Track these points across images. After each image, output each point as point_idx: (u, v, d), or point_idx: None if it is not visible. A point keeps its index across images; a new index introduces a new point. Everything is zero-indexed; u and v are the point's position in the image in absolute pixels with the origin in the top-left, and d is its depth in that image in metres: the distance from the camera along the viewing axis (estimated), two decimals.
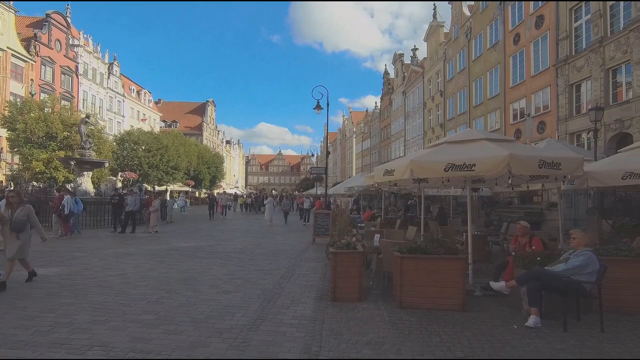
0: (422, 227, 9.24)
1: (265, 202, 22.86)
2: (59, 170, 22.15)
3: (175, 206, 30.91)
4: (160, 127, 56.42)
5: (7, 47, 29.35)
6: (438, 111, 30.77)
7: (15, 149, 23.32)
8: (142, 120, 51.33)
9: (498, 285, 5.26)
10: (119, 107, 46.15)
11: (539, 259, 5.04)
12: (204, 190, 50.91)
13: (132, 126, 43.47)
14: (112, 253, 9.41)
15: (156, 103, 62.66)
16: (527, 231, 6.05)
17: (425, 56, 34.22)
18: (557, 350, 3.80)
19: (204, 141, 62.98)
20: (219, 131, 78.84)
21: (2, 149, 27.92)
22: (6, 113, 23.27)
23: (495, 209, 18.78)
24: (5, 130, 23.43)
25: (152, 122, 54.53)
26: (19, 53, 30.57)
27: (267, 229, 16.66)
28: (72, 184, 19.33)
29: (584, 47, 15.67)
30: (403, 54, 41.18)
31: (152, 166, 34.53)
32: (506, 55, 21.07)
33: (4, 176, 27.98)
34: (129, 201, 14.00)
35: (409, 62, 38.50)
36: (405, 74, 38.83)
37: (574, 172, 5.39)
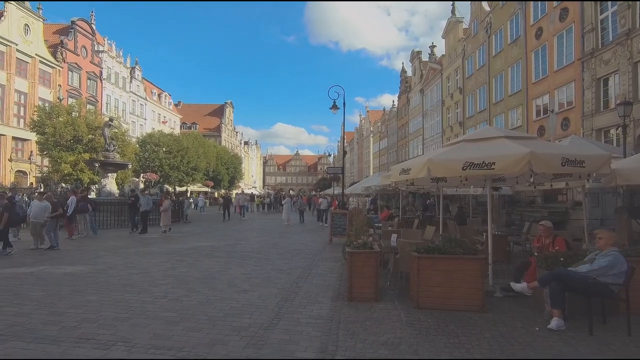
0: (441, 227, 9.11)
1: (283, 202, 23.09)
2: (85, 172, 22.97)
3: (193, 206, 31.68)
4: (181, 129, 57.65)
5: (36, 54, 30.66)
6: (457, 109, 30.21)
7: (45, 152, 24.33)
8: (163, 122, 52.59)
9: (519, 286, 5.13)
10: (141, 110, 47.45)
11: (562, 259, 4.88)
12: (222, 191, 51.78)
13: (154, 128, 44.62)
14: (135, 252, 9.69)
15: (176, 105, 64.09)
16: (550, 232, 5.87)
17: (444, 53, 33.66)
18: (581, 355, 3.68)
19: (223, 142, 63.96)
20: (237, 132, 79.90)
21: (32, 152, 29.19)
22: (35, 118, 24.31)
23: (516, 209, 18.29)
24: (35, 134, 24.47)
25: (172, 124, 55.81)
26: (46, 60, 31.88)
27: (283, 229, 16.78)
28: (97, 185, 20.03)
29: (610, 39, 15.06)
30: (421, 51, 40.63)
31: (173, 167, 35.33)
32: (528, 50, 20.48)
33: (35, 178, 29.25)
34: (142, 202, 14.26)
35: (427, 60, 37.96)
36: (423, 71, 38.31)
37: (599, 170, 5.19)
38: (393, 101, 51.74)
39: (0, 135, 28.07)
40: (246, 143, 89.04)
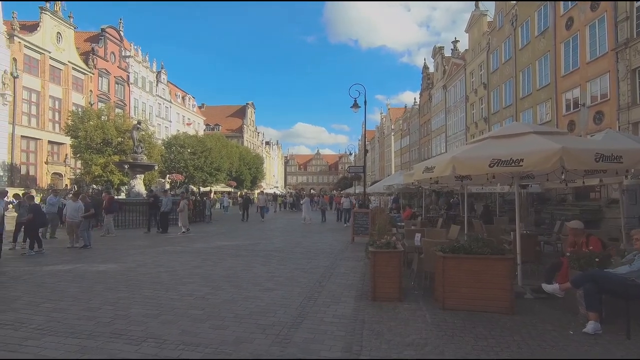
0: (466, 226, 8.89)
1: (302, 201, 23.25)
2: (114, 174, 23.87)
3: (219, 206, 32.36)
4: (204, 130, 58.92)
5: (68, 61, 32.10)
6: (482, 105, 29.40)
7: (78, 155, 25.47)
8: (187, 124, 53.92)
9: (551, 287, 4.94)
10: (166, 112, 48.82)
11: (597, 260, 4.66)
12: (245, 191, 52.55)
13: (178, 130, 45.81)
14: (162, 251, 9.99)
15: (200, 108, 65.54)
16: (580, 232, 5.61)
17: (467, 48, 32.82)
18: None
19: (245, 143, 64.90)
20: (258, 133, 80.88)
21: (67, 155, 30.61)
22: (69, 122, 25.48)
23: (546, 207, 17.61)
24: (69, 138, 25.66)
25: (196, 125, 57.11)
26: (79, 66, 33.33)
27: (305, 228, 16.85)
28: (126, 186, 20.77)
29: None
30: (443, 46, 39.82)
31: (197, 168, 36.15)
32: (557, 41, 19.65)
33: (69, 180, 30.68)
34: (163, 202, 14.51)
35: (449, 55, 37.12)
36: (446, 67, 37.49)
37: (638, 165, 4.92)
38: (415, 98, 50.96)
39: (37, 140, 29.59)
40: (267, 143, 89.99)
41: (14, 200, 13.94)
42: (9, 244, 9.68)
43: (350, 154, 41.87)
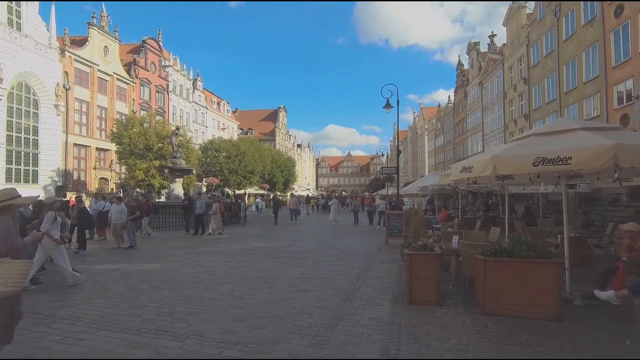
0: (507, 228, 8.51)
1: (329, 203, 23.26)
2: (155, 178, 25.07)
3: (253, 208, 33.09)
4: (238, 134, 60.52)
5: (114, 73, 34.18)
6: (521, 101, 28.04)
7: (122, 160, 27.02)
8: (222, 129, 55.65)
9: (606, 294, 4.61)
10: (202, 118, 50.66)
11: None
12: (277, 193, 53.34)
13: (214, 135, 47.36)
14: (200, 252, 10.35)
15: (233, 112, 67.41)
16: (637, 235, 5.18)
17: (505, 42, 31.45)
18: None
19: (277, 146, 65.93)
20: (290, 135, 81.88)
21: (112, 160, 32.56)
22: (114, 130, 27.10)
23: (596, 208, 16.45)
24: (115, 144, 27.29)
25: (230, 130, 58.80)
26: (123, 77, 35.41)
27: (338, 230, 16.83)
28: (166, 190, 21.74)
29: None
30: (479, 42, 38.37)
31: (232, 171, 37.18)
32: (606, 30, 18.36)
33: (115, 184, 32.61)
34: (197, 205, 14.91)
35: (486, 51, 35.74)
36: (482, 63, 36.13)
37: None
38: (449, 96, 49.48)
39: (86, 147, 31.71)
40: (299, 146, 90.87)
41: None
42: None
43: (382, 155, 41.37)
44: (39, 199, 8.18)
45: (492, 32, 34.61)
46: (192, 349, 3.75)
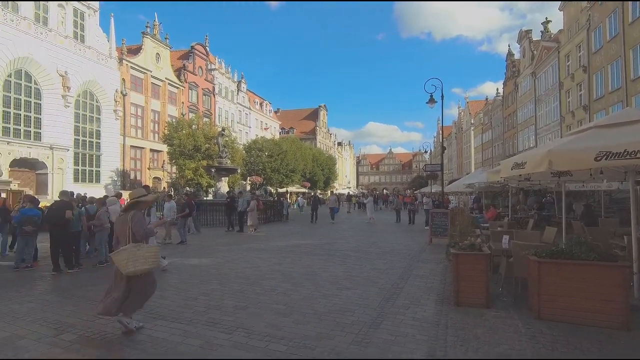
0: (564, 227, 7.92)
1: (365, 201, 23.03)
2: (203, 177, 26.32)
3: (295, 206, 33.65)
4: (280, 134, 61.78)
5: (165, 78, 36.32)
6: (580, 91, 25.87)
7: (173, 161, 28.68)
8: (264, 129, 57.09)
9: None
10: (246, 119, 52.32)
11: None
12: (318, 191, 53.76)
13: (257, 135, 48.74)
14: (245, 248, 10.71)
15: (275, 112, 68.88)
16: None
17: (561, 28, 29.18)
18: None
19: (318, 144, 66.39)
20: (330, 134, 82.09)
21: (164, 161, 34.65)
22: (166, 132, 28.82)
23: None
24: (166, 145, 29.03)
25: (272, 130, 60.16)
26: (173, 82, 37.53)
27: (380, 229, 16.62)
28: (213, 188, 22.75)
29: None
30: (531, 29, 35.96)
31: (274, 170, 38.05)
32: None
33: (167, 183, 34.69)
34: (239, 202, 15.31)
35: (539, 38, 33.40)
36: (535, 52, 33.81)
37: None
38: (497, 89, 46.89)
39: (141, 148, 34.04)
40: (339, 144, 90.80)
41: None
42: None
43: (425, 151, 40.14)
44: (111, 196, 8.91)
45: (545, 18, 32.30)
46: (240, 341, 3.91)
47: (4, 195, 14.65)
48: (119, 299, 4.01)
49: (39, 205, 8.72)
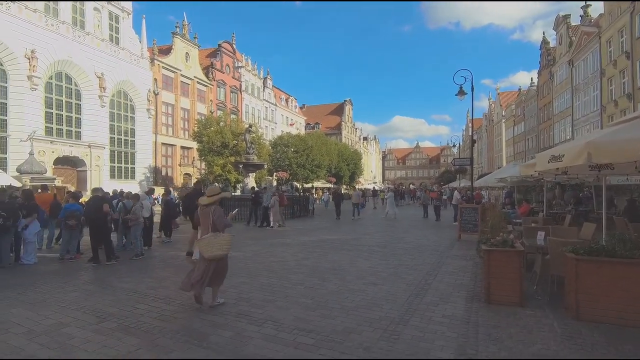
0: (604, 224, 7.50)
1: (386, 197, 22.76)
2: (231, 173, 26.91)
3: (321, 201, 33.76)
4: (305, 129, 62.02)
5: (194, 77, 37.30)
6: (623, 78, 24.27)
7: (202, 157, 29.50)
8: (290, 125, 57.51)
9: None
10: (272, 115, 52.91)
11: None
12: (343, 187, 53.62)
13: (283, 131, 49.18)
14: (271, 243, 10.87)
15: (301, 108, 69.19)
16: None
17: (602, 12, 27.43)
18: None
19: (343, 139, 66.15)
20: (356, 129, 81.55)
21: (194, 157, 35.69)
22: (195, 129, 29.65)
23: None
24: (196, 142, 29.88)
25: (298, 125, 60.49)
26: (202, 80, 38.48)
27: (407, 224, 16.38)
28: (241, 184, 23.22)
29: None
30: (569, 14, 33.99)
31: (300, 165, 38.31)
32: None
33: (196, 179, 35.74)
34: (264, 198, 15.40)
35: (578, 24, 31.55)
36: (572, 38, 32.00)
37: None
38: (531, 79, 44.81)
39: (172, 146, 35.20)
40: (365, 139, 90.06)
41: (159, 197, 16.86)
42: (156, 232, 11.74)
43: (454, 145, 39.08)
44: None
45: (585, 2, 30.38)
46: (269, 333, 3.99)
47: (53, 191, 15.62)
48: (200, 279, 4.75)
49: (79, 201, 9.23)
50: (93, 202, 8.07)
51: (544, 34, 40.09)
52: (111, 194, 12.36)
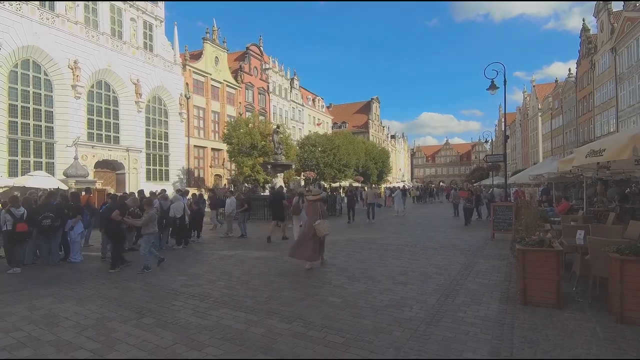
0: None
1: (393, 195, 22.47)
2: (260, 173, 27.39)
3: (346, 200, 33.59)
4: (332, 128, 62.02)
5: (224, 80, 38.27)
6: None
7: (232, 159, 30.22)
8: (317, 124, 57.70)
9: None
10: (299, 115, 53.32)
11: None
12: (372, 185, 53.13)
13: (310, 131, 49.40)
14: None
15: (328, 107, 69.21)
16: None
17: None
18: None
19: (370, 138, 65.54)
20: (383, 127, 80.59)
21: (224, 159, 36.64)
22: (225, 131, 30.43)
23: None
24: (226, 144, 30.67)
25: (325, 125, 60.60)
26: (231, 83, 39.44)
27: (437, 223, 16.01)
28: (269, 184, 23.59)
29: None
30: None
31: (327, 165, 38.34)
32: None
33: (227, 180, 36.69)
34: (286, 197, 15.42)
35: (621, 9, 29.56)
36: (615, 24, 30.02)
37: None
38: (569, 69, 42.44)
39: (203, 148, 36.31)
40: (393, 137, 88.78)
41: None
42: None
43: (486, 141, 37.72)
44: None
45: None
46: (299, 331, 4.07)
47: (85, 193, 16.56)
48: (315, 251, 7.20)
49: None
50: (109, 207, 7.88)
51: (583, 21, 37.75)
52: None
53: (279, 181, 21.40)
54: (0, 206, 8.16)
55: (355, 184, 41.74)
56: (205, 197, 18.93)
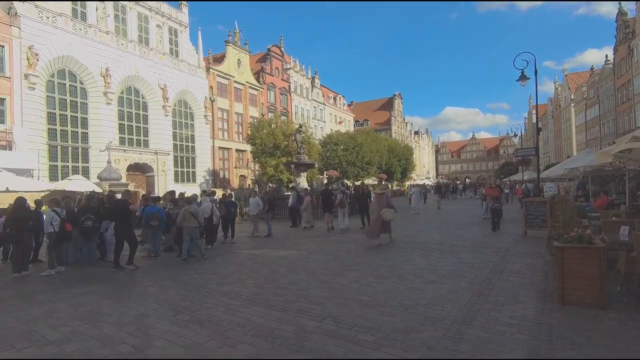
0: None
1: (410, 193, 22.51)
2: (283, 173, 27.65)
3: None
4: (354, 126, 61.73)
5: (246, 82, 38.87)
6: None
7: (256, 159, 30.66)
8: (339, 123, 57.58)
9: None
10: (320, 114, 53.39)
11: None
12: (395, 183, 52.42)
13: (332, 129, 49.37)
14: (325, 240, 10.99)
15: (349, 105, 68.91)
16: None
17: None
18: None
19: (393, 135, 64.75)
20: (406, 123, 79.37)
21: (248, 160, 37.24)
22: (249, 132, 30.90)
23: None
24: (249, 145, 31.15)
25: (347, 123, 60.38)
26: (253, 84, 40.00)
27: (464, 220, 15.59)
28: (293, 184, 23.77)
29: None
30: None
31: (350, 163, 38.19)
32: None
33: (251, 180, 37.27)
34: (290, 198, 15.25)
35: None
36: None
37: None
38: (606, 56, 40.24)
39: (228, 149, 37.04)
40: (416, 133, 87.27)
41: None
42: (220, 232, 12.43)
43: (515, 135, 36.36)
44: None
45: None
46: (330, 329, 4.08)
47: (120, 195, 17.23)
48: (377, 231, 9.45)
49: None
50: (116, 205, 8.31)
51: (619, 4, 35.67)
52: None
53: (302, 180, 21.51)
54: (46, 207, 8.61)
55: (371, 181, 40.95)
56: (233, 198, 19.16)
